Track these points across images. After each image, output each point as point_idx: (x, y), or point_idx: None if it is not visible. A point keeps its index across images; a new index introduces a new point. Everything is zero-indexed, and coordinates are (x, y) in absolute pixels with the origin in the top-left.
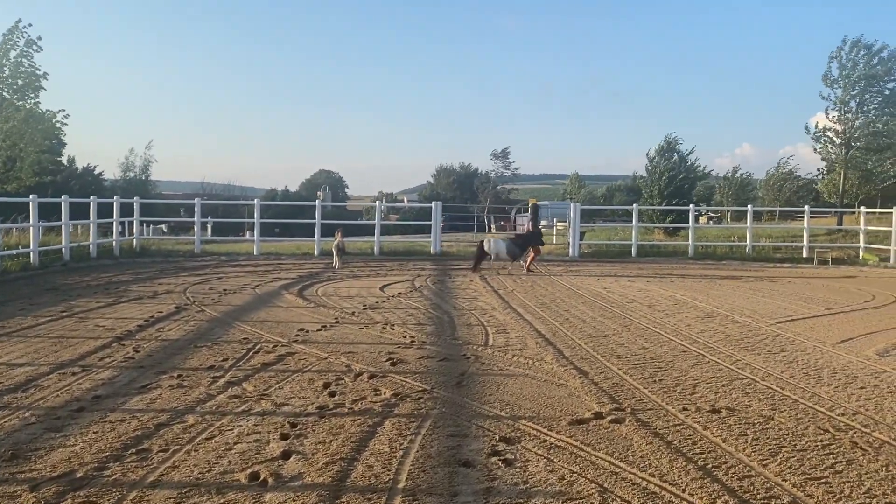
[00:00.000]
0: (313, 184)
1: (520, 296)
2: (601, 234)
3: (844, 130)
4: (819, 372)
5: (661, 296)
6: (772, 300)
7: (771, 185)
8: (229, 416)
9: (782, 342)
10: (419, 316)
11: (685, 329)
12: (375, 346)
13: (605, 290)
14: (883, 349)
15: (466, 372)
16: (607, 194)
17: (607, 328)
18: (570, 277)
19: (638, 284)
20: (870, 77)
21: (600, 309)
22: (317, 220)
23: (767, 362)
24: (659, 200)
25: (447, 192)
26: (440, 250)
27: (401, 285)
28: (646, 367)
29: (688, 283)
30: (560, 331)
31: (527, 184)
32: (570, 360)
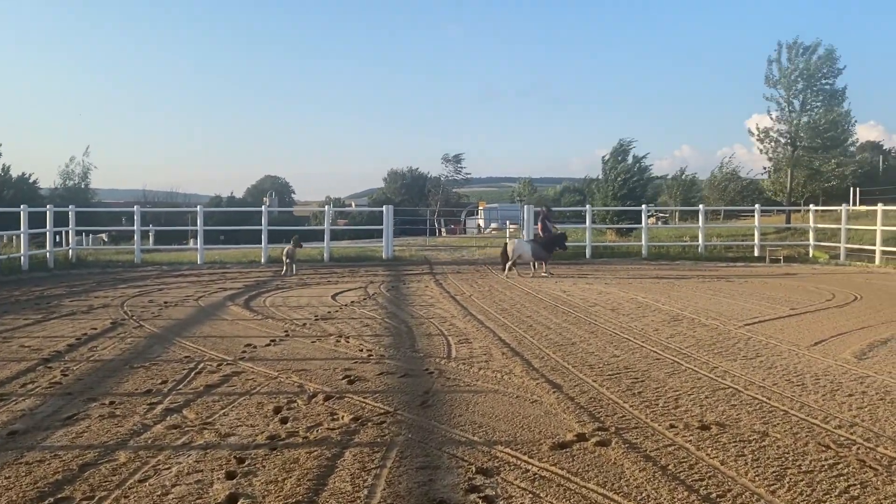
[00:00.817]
0: (259, 189)
1: (479, 301)
2: None
3: (790, 130)
4: (801, 378)
5: (622, 299)
6: (734, 301)
7: (715, 186)
8: (167, 452)
9: (756, 346)
10: (375, 326)
11: (654, 334)
12: (330, 361)
13: (566, 294)
14: (859, 351)
15: (431, 389)
16: (556, 196)
17: (574, 335)
18: (527, 281)
19: (597, 287)
20: (810, 76)
21: (563, 314)
22: (263, 226)
23: (746, 369)
24: (613, 202)
25: (397, 197)
26: (392, 255)
27: (354, 293)
28: (621, 378)
29: (646, 285)
30: (525, 339)
31: (475, 187)
32: (540, 373)
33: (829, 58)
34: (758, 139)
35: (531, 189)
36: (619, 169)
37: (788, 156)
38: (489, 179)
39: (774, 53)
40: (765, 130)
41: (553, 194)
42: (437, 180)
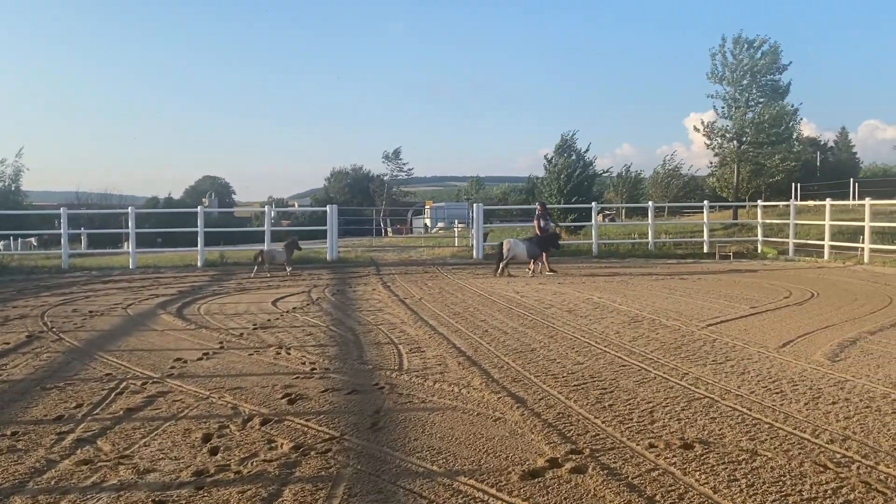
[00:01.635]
0: (198, 190)
1: (429, 305)
2: (503, 235)
3: (735, 126)
4: (779, 385)
5: (578, 299)
6: (692, 300)
7: (659, 183)
8: (73, 495)
9: (724, 349)
10: (319, 335)
11: (615, 337)
12: (269, 377)
13: (519, 295)
14: (830, 352)
15: (382, 408)
16: (502, 195)
17: (532, 340)
18: (478, 281)
19: (551, 287)
20: (754, 72)
21: (519, 317)
22: (199, 228)
23: (719, 375)
24: (559, 199)
25: (341, 196)
26: (337, 257)
27: (296, 298)
28: (589, 389)
29: (600, 284)
30: (481, 346)
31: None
32: (501, 385)
33: (773, 53)
34: (704, 135)
35: (478, 187)
36: (562, 164)
37: (734, 151)
38: (435, 178)
39: (718, 47)
40: (710, 126)
41: (499, 193)
42: (380, 179)
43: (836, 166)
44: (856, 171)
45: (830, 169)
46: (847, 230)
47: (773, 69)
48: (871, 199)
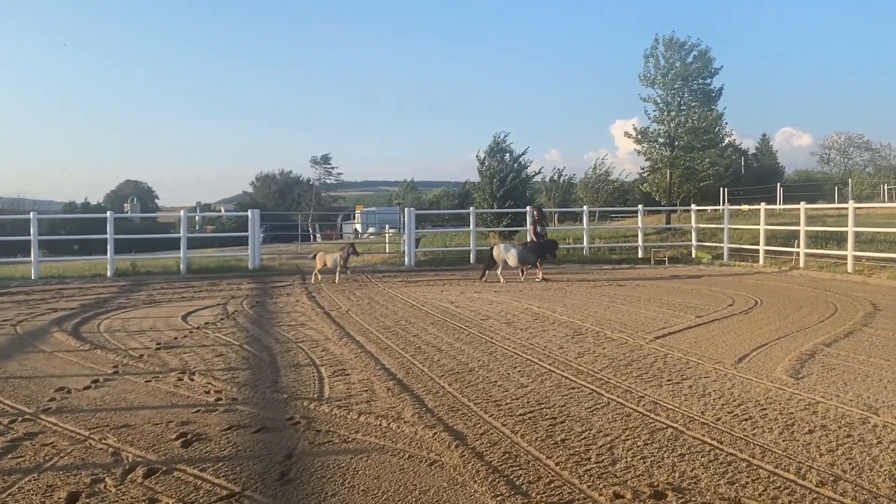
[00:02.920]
0: (119, 195)
1: (357, 318)
2: (436, 241)
3: (668, 130)
4: (746, 409)
5: (515, 309)
6: (634, 308)
7: (589, 188)
8: None
9: (677, 366)
10: (231, 356)
11: (560, 353)
12: (165, 410)
13: (454, 305)
14: (791, 368)
15: (295, 450)
16: (435, 199)
17: (470, 358)
18: (410, 290)
19: (487, 296)
20: (686, 76)
21: (454, 331)
22: (109, 235)
23: (677, 398)
24: (492, 203)
25: (268, 201)
26: (260, 265)
27: (210, 312)
28: (537, 420)
29: (537, 292)
30: (414, 366)
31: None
32: (436, 415)
33: (704, 57)
34: (636, 140)
35: (410, 191)
36: (495, 168)
37: (666, 155)
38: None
39: (651, 49)
40: (643, 131)
41: (431, 197)
42: (307, 184)
43: (760, 171)
44: (779, 177)
45: (754, 174)
46: (780, 234)
47: (704, 73)
48: (805, 203)
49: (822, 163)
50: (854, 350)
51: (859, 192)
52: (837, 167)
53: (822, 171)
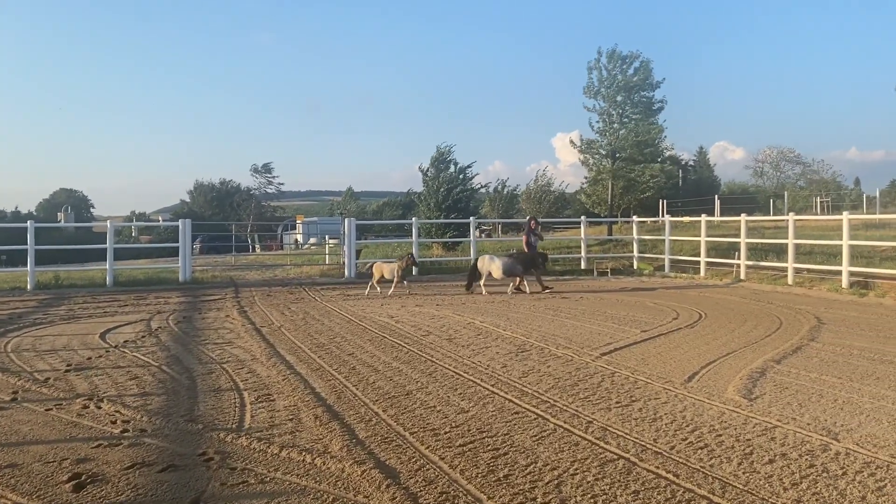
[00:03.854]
0: (53, 204)
1: (290, 335)
2: (377, 252)
3: (610, 142)
4: (701, 436)
5: (458, 324)
6: (579, 322)
7: (532, 198)
8: None
9: (625, 385)
10: (146, 379)
11: (503, 372)
12: (60, 446)
13: (393, 320)
14: (742, 387)
15: (203, 495)
16: (378, 209)
17: (408, 379)
18: (348, 304)
19: (428, 310)
20: (628, 88)
21: (392, 348)
22: (29, 245)
23: (628, 423)
24: (437, 214)
25: (207, 211)
26: (191, 277)
27: (132, 328)
28: (478, 451)
29: (481, 305)
30: (346, 390)
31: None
32: (367, 448)
33: (645, 70)
34: (579, 150)
35: (352, 201)
36: (441, 179)
37: (609, 167)
38: (310, 193)
39: (594, 61)
40: (587, 142)
41: (374, 208)
42: (247, 192)
43: (698, 184)
44: (716, 189)
45: (692, 186)
46: (720, 246)
47: (646, 86)
48: (745, 214)
49: (755, 176)
50: (804, 367)
51: (793, 204)
52: (770, 180)
53: (755, 184)
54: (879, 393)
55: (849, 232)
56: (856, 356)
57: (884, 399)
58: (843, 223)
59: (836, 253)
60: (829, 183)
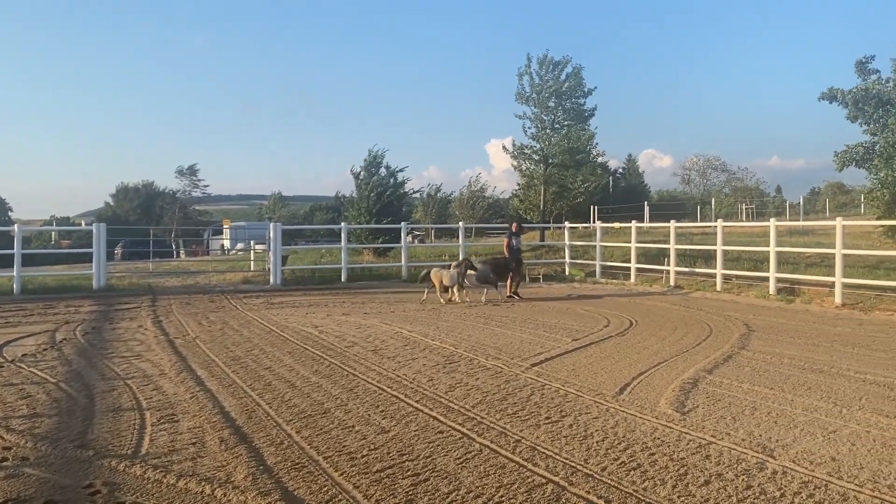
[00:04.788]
0: None
1: (204, 347)
2: (306, 258)
3: (542, 147)
4: (633, 454)
5: (385, 333)
6: (509, 331)
7: (465, 204)
8: None
9: (555, 399)
10: (40, 397)
11: (429, 386)
12: None
13: (317, 330)
14: (675, 400)
15: None
16: (309, 214)
17: (327, 396)
18: (271, 313)
19: (355, 318)
20: (559, 94)
21: (313, 361)
22: None
23: (557, 441)
24: (368, 219)
25: (130, 215)
26: (106, 284)
27: (34, 340)
28: (396, 477)
29: (410, 314)
30: (259, 408)
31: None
32: (275, 476)
33: (576, 76)
34: (512, 156)
35: (281, 205)
36: (372, 183)
37: (541, 173)
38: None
39: (524, 67)
40: (520, 148)
41: (304, 212)
42: (171, 196)
43: (628, 190)
44: (646, 196)
45: (622, 193)
46: (649, 252)
47: (577, 92)
48: (674, 221)
49: (683, 183)
50: (736, 377)
51: (719, 211)
52: (697, 188)
53: (683, 191)
54: (812, 404)
55: (776, 238)
56: (786, 365)
57: (817, 411)
58: (771, 230)
59: (763, 259)
60: (753, 190)
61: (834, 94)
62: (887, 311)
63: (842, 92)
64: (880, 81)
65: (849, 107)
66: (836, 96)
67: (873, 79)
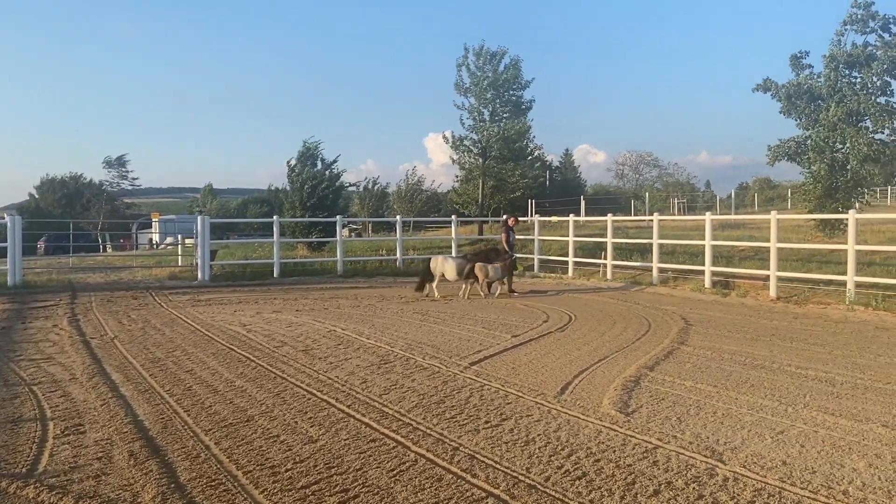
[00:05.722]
0: None
1: (123, 347)
2: (237, 252)
3: (481, 139)
4: (577, 461)
5: (317, 332)
6: (448, 328)
7: (403, 197)
8: None
9: (496, 401)
10: None
11: (362, 389)
12: None
13: (246, 329)
14: (618, 400)
15: None
16: (242, 207)
17: (251, 401)
18: (198, 311)
19: (286, 316)
20: (497, 85)
21: (239, 363)
22: None
23: (498, 447)
24: (302, 212)
25: (55, 208)
26: (21, 281)
27: None
28: (323, 494)
29: (345, 310)
30: (177, 416)
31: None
32: (188, 495)
33: (514, 68)
34: (451, 146)
35: (213, 197)
36: (305, 174)
37: (479, 165)
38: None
39: (462, 58)
40: (459, 139)
41: (236, 205)
42: (98, 188)
43: (564, 185)
44: (582, 190)
45: (559, 187)
46: (586, 246)
47: (515, 84)
48: (611, 215)
49: (617, 178)
50: (678, 374)
51: (652, 205)
52: (630, 182)
53: (617, 185)
54: (757, 403)
55: (711, 232)
56: (727, 360)
57: (762, 410)
58: (706, 223)
59: (698, 253)
60: (684, 185)
61: (768, 85)
62: (820, 304)
63: (776, 85)
64: (812, 76)
65: (782, 101)
66: (770, 88)
67: (806, 73)
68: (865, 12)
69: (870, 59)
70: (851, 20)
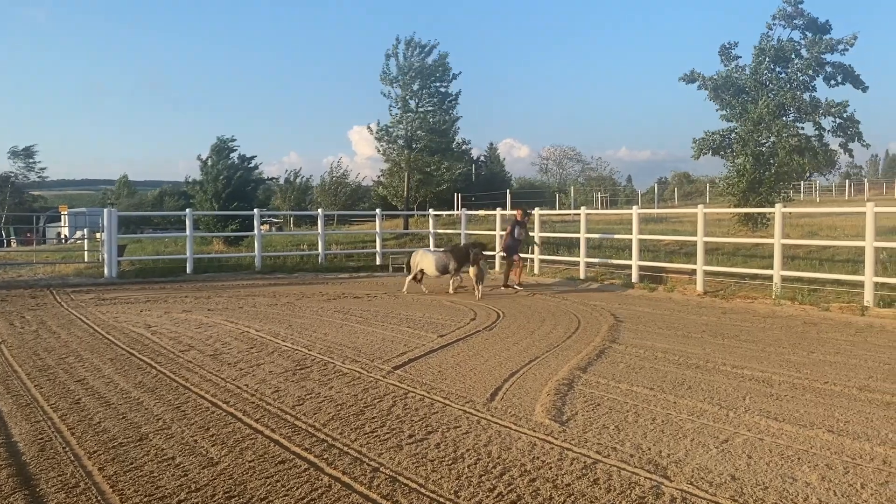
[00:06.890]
0: None
1: (9, 353)
2: (149, 248)
3: (407, 130)
4: (511, 481)
5: (229, 333)
6: (370, 327)
7: (326, 191)
8: None
9: (420, 410)
10: None
11: (274, 399)
12: None
13: (150, 331)
14: (551, 406)
15: None
16: (158, 199)
17: (147, 416)
18: (100, 311)
19: (196, 316)
20: (424, 76)
21: (139, 370)
22: None
23: (423, 466)
24: (216, 205)
25: None
26: None
27: None
28: None
29: (262, 309)
30: (59, 436)
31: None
32: None
33: (442, 61)
34: (376, 137)
35: (128, 190)
36: (220, 166)
37: (406, 159)
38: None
39: (392, 48)
40: (385, 129)
41: (151, 198)
42: (4, 179)
43: (489, 178)
44: (507, 184)
45: (484, 181)
46: None
47: (442, 77)
48: (539, 209)
49: (541, 172)
50: (612, 376)
51: (577, 199)
52: (554, 177)
53: (541, 180)
54: (696, 407)
55: (638, 226)
56: (661, 360)
57: (703, 415)
58: (633, 217)
59: (624, 247)
60: (607, 180)
61: (694, 77)
62: (747, 298)
63: (702, 76)
64: (738, 69)
65: (709, 92)
66: (696, 79)
67: (733, 65)
68: (795, 9)
69: (796, 55)
70: (781, 15)
